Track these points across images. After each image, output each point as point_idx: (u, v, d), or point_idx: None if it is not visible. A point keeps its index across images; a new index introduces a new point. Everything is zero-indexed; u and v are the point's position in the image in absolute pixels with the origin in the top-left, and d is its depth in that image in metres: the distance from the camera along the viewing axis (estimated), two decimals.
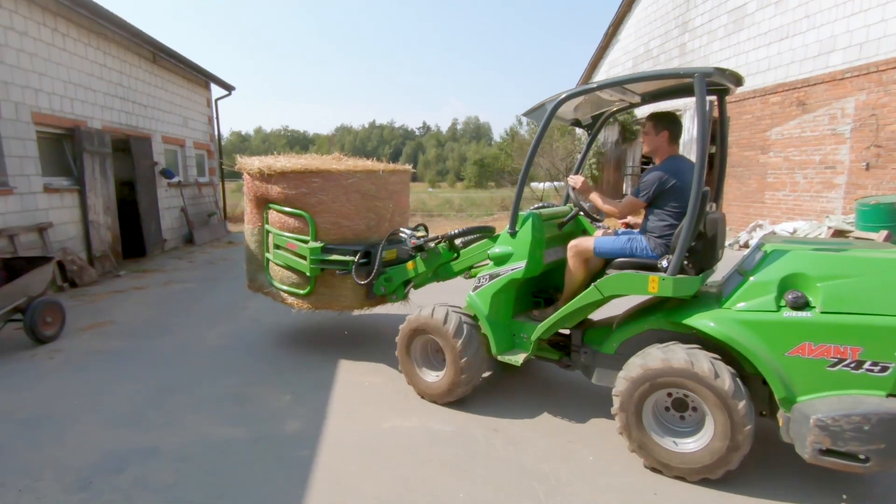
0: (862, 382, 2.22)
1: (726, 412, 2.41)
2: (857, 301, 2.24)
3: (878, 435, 2.10)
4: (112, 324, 5.62)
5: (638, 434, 2.67)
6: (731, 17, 10.65)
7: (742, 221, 10.55)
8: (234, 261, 9.72)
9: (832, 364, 2.26)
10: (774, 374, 2.35)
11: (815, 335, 2.28)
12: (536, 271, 3.26)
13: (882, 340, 2.17)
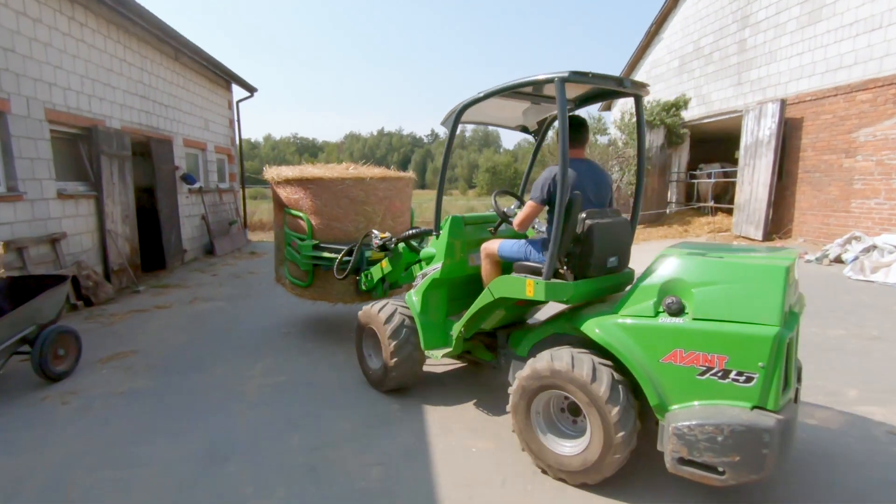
0: (728, 392, 2.12)
1: (600, 417, 2.37)
2: (725, 308, 2.15)
3: (731, 447, 2.03)
4: (135, 354, 4.74)
5: (526, 434, 2.71)
6: (804, 8, 9.73)
7: (821, 232, 9.55)
8: (261, 274, 8.85)
9: (701, 372, 2.17)
10: (648, 380, 2.30)
11: (685, 342, 2.20)
12: (455, 272, 3.41)
13: (746, 349, 2.07)
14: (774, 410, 2.05)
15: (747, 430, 1.99)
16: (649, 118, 13.52)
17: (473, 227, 3.53)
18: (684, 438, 2.12)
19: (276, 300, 6.82)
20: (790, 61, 10.07)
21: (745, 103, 11.36)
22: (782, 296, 2.06)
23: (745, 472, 2.04)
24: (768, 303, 2.08)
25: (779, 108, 9.91)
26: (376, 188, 4.73)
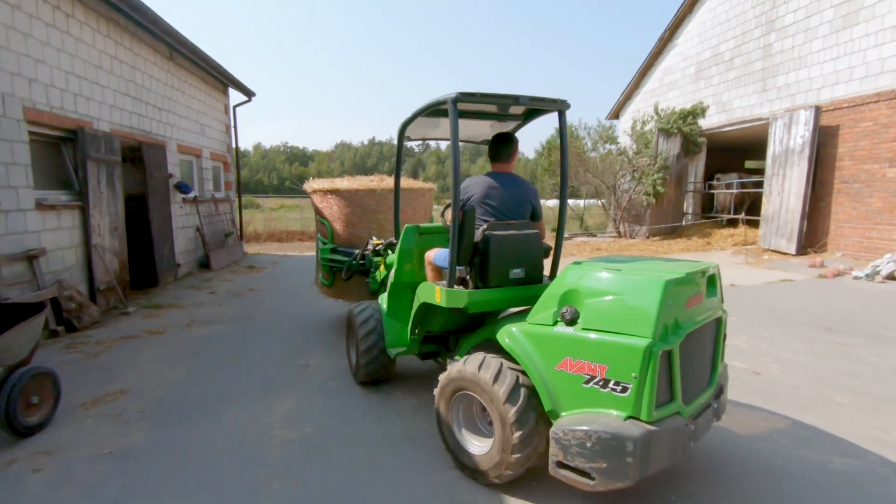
0: (608, 401, 2.17)
1: (499, 416, 2.44)
2: (607, 319, 2.21)
3: (598, 453, 2.08)
4: (126, 394, 3.96)
5: (446, 432, 2.81)
6: (838, 11, 9.28)
7: (861, 246, 9.03)
8: (263, 292, 8.07)
9: (586, 381, 2.22)
10: (543, 386, 2.36)
11: (575, 351, 2.26)
12: (409, 278, 3.63)
13: (621, 360, 2.11)
14: (648, 421, 2.08)
15: (612, 437, 2.05)
16: (666, 126, 13.03)
17: (430, 237, 3.69)
18: (560, 443, 2.19)
19: (284, 323, 6.06)
20: (823, 66, 9.61)
21: (771, 110, 10.88)
22: (658, 309, 2.08)
23: (612, 478, 2.08)
24: (643, 315, 2.11)
25: (813, 115, 9.41)
26: (386, 198, 5.15)
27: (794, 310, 6.36)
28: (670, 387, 2.17)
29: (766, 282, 7.97)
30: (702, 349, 2.46)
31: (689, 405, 2.29)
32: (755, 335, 5.41)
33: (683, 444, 2.20)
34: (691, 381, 2.34)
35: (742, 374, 4.27)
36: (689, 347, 2.27)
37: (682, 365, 2.20)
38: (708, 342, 2.53)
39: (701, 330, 2.38)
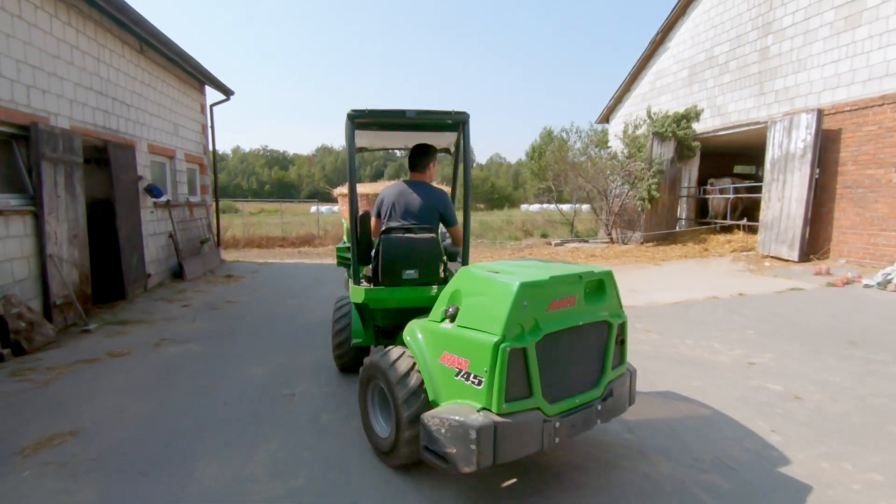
0: (469, 393, 2.31)
1: (391, 399, 2.64)
2: (474, 316, 2.38)
3: (450, 439, 2.21)
4: (76, 436, 3.33)
5: (363, 416, 3.03)
6: (839, 13, 9.10)
7: (866, 252, 8.80)
8: (243, 303, 7.43)
9: (456, 373, 2.38)
10: (429, 378, 2.53)
11: (450, 345, 2.44)
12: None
13: (478, 355, 2.26)
14: (498, 413, 2.20)
15: (459, 426, 2.18)
16: (660, 130, 12.77)
17: None
18: (426, 428, 2.35)
19: (267, 341, 5.46)
20: (824, 69, 9.41)
21: (769, 114, 10.68)
22: (508, 309, 2.21)
23: (460, 463, 2.19)
24: (496, 314, 2.25)
25: (815, 119, 9.19)
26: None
27: (813, 322, 6.02)
28: (528, 383, 2.29)
29: (776, 291, 7.65)
30: (576, 351, 2.51)
31: (555, 403, 2.39)
32: (780, 351, 5.02)
33: (543, 438, 2.30)
34: (559, 381, 2.43)
35: (782, 400, 3.85)
36: (553, 348, 2.37)
37: (544, 364, 2.32)
38: (587, 345, 2.57)
39: (572, 333, 2.45)
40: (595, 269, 2.62)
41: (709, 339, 5.46)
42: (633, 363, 3.14)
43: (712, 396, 3.93)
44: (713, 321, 6.20)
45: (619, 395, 2.70)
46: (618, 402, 2.69)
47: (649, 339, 5.53)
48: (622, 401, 2.74)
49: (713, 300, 7.26)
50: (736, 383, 4.20)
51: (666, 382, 4.23)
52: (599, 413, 2.56)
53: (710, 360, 4.80)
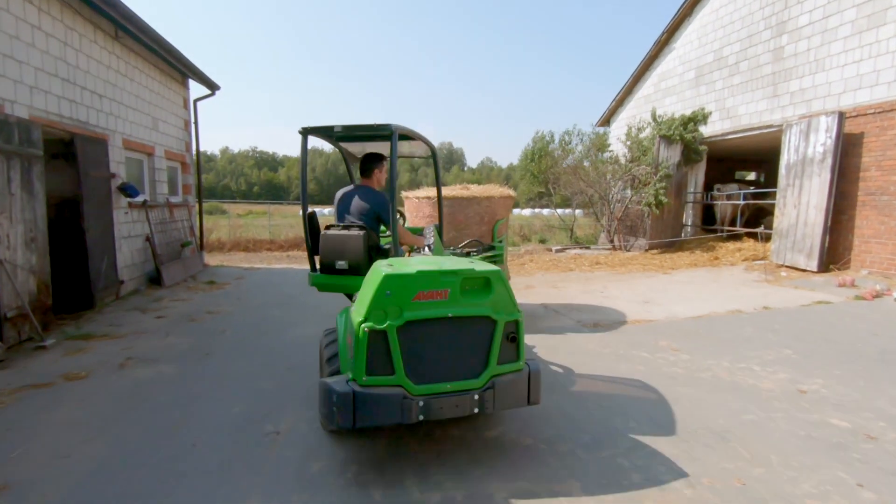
0: (350, 366, 2.72)
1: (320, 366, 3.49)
2: (358, 301, 2.81)
3: (322, 402, 2.69)
4: (4, 494, 2.65)
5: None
6: (861, 10, 8.66)
7: (891, 263, 8.33)
8: (225, 314, 6.75)
9: (349, 349, 2.79)
10: (342, 351, 3.03)
11: (349, 327, 2.83)
12: None
13: (354, 334, 2.65)
14: (359, 384, 2.59)
15: (326, 390, 2.61)
16: (666, 132, 12.29)
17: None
18: (317, 393, 2.89)
19: (249, 361, 4.79)
20: (844, 70, 8.97)
21: (783, 117, 10.23)
22: (372, 295, 2.59)
23: (326, 421, 2.69)
24: (365, 299, 2.65)
25: (836, 122, 8.74)
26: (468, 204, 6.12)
27: (854, 340, 5.49)
28: (391, 362, 2.60)
29: (801, 304, 7.14)
30: (449, 341, 2.72)
31: (421, 384, 2.65)
32: (829, 376, 4.47)
33: (402, 412, 2.58)
34: (428, 365, 2.68)
35: (854, 439, 3.27)
36: (419, 334, 2.65)
37: (407, 347, 2.62)
38: (464, 337, 2.75)
39: (443, 323, 2.68)
40: (478, 267, 2.81)
41: (746, 361, 4.90)
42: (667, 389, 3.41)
43: (773, 436, 3.35)
44: (743, 338, 5.65)
45: (508, 389, 2.83)
46: (506, 397, 2.83)
47: (679, 359, 4.96)
48: (514, 396, 2.86)
49: (737, 314, 6.72)
50: (793, 417, 3.63)
51: (714, 414, 3.65)
52: (478, 403, 2.73)
53: (753, 387, 4.23)
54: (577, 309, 7.06)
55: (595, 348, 5.32)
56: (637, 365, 4.79)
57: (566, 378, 4.41)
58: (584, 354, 5.07)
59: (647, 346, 5.40)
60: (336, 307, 7.50)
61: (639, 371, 4.61)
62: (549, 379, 4.35)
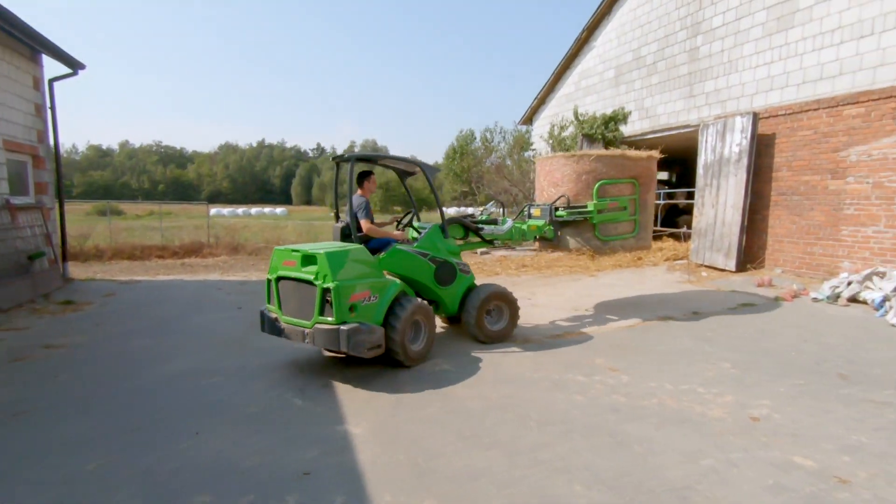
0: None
1: None
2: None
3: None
4: None
5: None
6: (771, 13, 8.78)
7: (803, 262, 8.50)
8: (69, 348, 5.30)
9: None
10: None
11: None
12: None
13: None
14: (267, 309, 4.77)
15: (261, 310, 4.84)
16: (589, 131, 12.11)
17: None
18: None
19: (81, 421, 3.54)
20: (756, 71, 9.09)
21: (700, 117, 10.29)
22: (272, 259, 4.64)
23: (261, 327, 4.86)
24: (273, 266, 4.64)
25: (750, 123, 8.81)
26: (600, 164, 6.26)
27: (787, 349, 5.25)
28: (277, 299, 4.59)
29: (728, 307, 6.97)
30: (298, 292, 4.46)
31: (286, 316, 4.51)
32: (775, 395, 4.09)
33: (278, 330, 4.54)
34: (290, 305, 4.52)
35: (825, 487, 2.78)
36: (284, 286, 4.54)
37: (281, 293, 4.57)
38: (304, 292, 4.39)
39: (294, 281, 4.47)
40: (309, 249, 4.44)
41: (688, 380, 4.42)
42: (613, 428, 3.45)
43: (741, 489, 2.77)
44: (680, 351, 5.23)
45: (325, 336, 4.20)
46: (324, 341, 4.24)
47: (619, 383, 4.38)
48: (329, 342, 4.22)
49: (668, 322, 6.37)
50: (755, 458, 3.10)
51: (670, 462, 3.03)
52: (309, 337, 4.28)
53: (703, 416, 3.71)
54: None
55: (526, 373, 4.62)
56: (575, 394, 4.14)
57: (497, 428, 3.64)
58: (514, 384, 4.35)
59: (583, 366, 4.80)
60: (231, 328, 6.31)
61: (577, 403, 3.95)
62: (473, 430, 3.56)
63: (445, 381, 4.42)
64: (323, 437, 3.40)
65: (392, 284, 4.67)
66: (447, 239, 5.41)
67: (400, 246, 5.04)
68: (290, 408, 3.87)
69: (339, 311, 4.14)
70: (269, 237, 15.69)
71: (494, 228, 5.99)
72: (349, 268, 4.32)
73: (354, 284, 4.29)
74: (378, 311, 4.46)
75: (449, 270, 5.32)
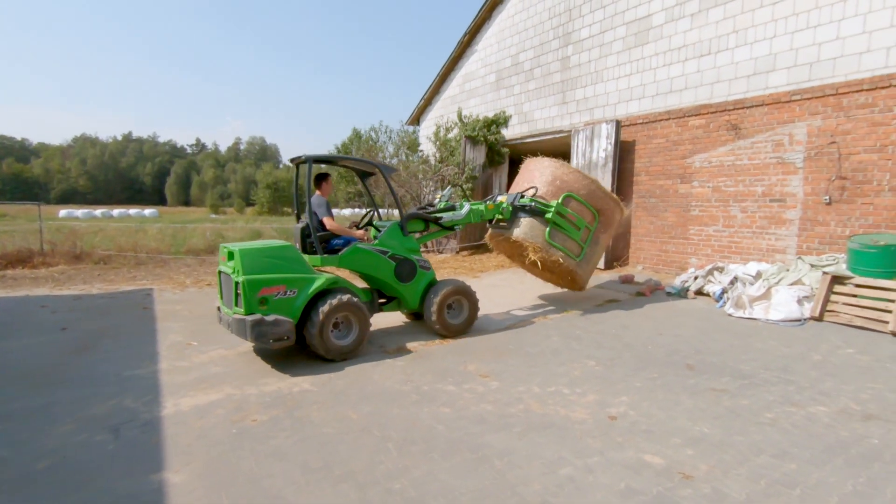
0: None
1: None
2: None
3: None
4: None
5: None
6: (630, 28, 9.47)
7: (659, 259, 9.27)
8: None
9: None
10: None
11: None
12: None
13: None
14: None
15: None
16: (472, 133, 12.23)
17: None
18: None
19: None
20: (618, 82, 9.75)
21: (571, 123, 10.83)
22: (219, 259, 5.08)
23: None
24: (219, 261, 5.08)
25: (614, 129, 9.43)
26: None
27: (644, 342, 5.56)
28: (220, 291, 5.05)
29: (595, 304, 7.31)
30: (227, 285, 4.82)
31: (225, 308, 4.88)
32: (633, 390, 4.22)
33: (223, 320, 4.93)
34: (226, 297, 4.87)
35: (671, 486, 2.83)
36: (223, 279, 4.92)
37: (222, 286, 4.99)
38: (229, 284, 4.73)
39: (225, 275, 4.85)
40: (235, 246, 4.79)
41: (555, 381, 4.43)
42: (475, 441, 3.36)
43: (595, 496, 2.71)
44: (550, 351, 5.29)
45: (237, 325, 4.59)
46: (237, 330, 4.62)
47: (488, 390, 4.25)
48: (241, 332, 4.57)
49: (543, 322, 6.49)
50: (610, 462, 3.09)
51: (529, 474, 2.91)
52: (228, 326, 4.79)
53: (566, 420, 3.69)
54: (383, 331, 6.05)
55: (395, 385, 4.32)
56: (442, 406, 3.91)
57: (352, 455, 3.27)
58: (379, 399, 4.02)
59: (455, 374, 4.62)
60: (45, 355, 5.18)
61: (443, 416, 3.73)
62: (324, 460, 3.16)
63: (302, 402, 3.96)
64: (129, 493, 2.77)
65: (317, 280, 4.85)
66: (407, 236, 5.64)
67: (360, 244, 5.31)
68: (96, 456, 3.15)
69: (247, 302, 4.48)
70: (123, 243, 13.73)
71: (453, 214, 6.10)
72: (262, 263, 4.62)
73: (266, 279, 4.57)
74: (295, 306, 4.71)
75: (409, 267, 5.56)
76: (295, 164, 5.59)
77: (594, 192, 6.71)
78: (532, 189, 6.66)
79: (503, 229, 6.63)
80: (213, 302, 7.78)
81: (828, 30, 6.80)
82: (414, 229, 5.95)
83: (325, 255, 5.21)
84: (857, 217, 6.65)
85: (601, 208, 6.77)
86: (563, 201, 6.46)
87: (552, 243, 6.41)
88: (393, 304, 5.84)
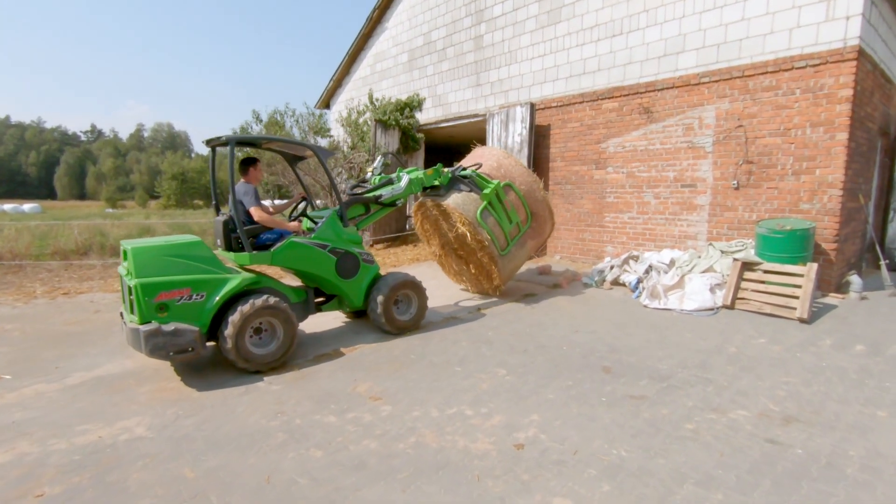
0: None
1: None
2: None
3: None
4: None
5: None
6: (542, 6, 8.99)
7: (576, 248, 8.96)
8: None
9: None
10: None
11: None
12: None
13: None
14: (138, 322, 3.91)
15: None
16: (383, 117, 11.33)
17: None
18: None
19: None
20: (532, 63, 9.28)
21: (486, 106, 10.27)
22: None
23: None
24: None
25: (528, 113, 8.96)
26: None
27: (559, 342, 5.07)
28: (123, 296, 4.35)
29: (511, 299, 6.80)
30: (124, 288, 4.22)
31: (128, 314, 4.15)
32: (544, 405, 3.68)
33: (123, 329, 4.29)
34: (126, 302, 4.21)
35: None
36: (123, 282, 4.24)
37: (122, 289, 4.30)
38: (126, 289, 4.12)
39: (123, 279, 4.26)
40: (131, 244, 4.07)
41: (459, 401, 3.78)
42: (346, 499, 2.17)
43: None
44: (458, 360, 4.65)
45: (130, 337, 4.00)
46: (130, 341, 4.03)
47: (377, 418, 3.51)
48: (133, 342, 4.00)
49: (454, 321, 5.86)
50: None
51: None
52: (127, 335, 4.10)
53: (464, 455, 3.04)
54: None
55: (260, 420, 3.47)
56: (313, 448, 3.12)
57: None
58: (231, 446, 3.14)
59: (341, 397, 3.85)
60: None
61: (312, 463, 2.95)
62: None
63: (124, 458, 3.00)
64: None
65: (231, 280, 4.23)
66: (347, 227, 5.10)
67: (296, 238, 4.72)
68: None
69: (141, 309, 3.86)
70: None
71: (393, 189, 5.63)
72: (161, 263, 3.99)
73: (165, 281, 3.93)
74: (203, 311, 4.09)
75: (351, 261, 5.05)
76: (211, 146, 4.84)
77: (534, 191, 6.56)
78: (477, 165, 6.38)
79: (437, 196, 6.17)
80: (60, 316, 6.42)
81: (734, 10, 6.65)
82: (354, 215, 5.42)
83: (255, 252, 4.54)
84: (764, 202, 6.61)
85: (536, 212, 6.61)
86: (504, 188, 6.23)
87: (482, 222, 6.01)
88: (333, 303, 5.29)
